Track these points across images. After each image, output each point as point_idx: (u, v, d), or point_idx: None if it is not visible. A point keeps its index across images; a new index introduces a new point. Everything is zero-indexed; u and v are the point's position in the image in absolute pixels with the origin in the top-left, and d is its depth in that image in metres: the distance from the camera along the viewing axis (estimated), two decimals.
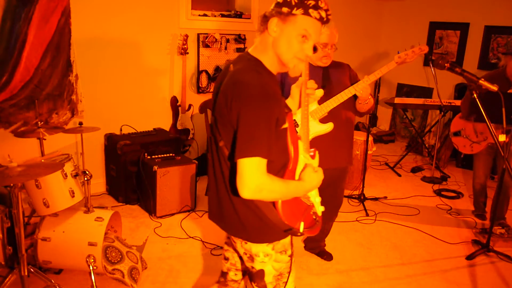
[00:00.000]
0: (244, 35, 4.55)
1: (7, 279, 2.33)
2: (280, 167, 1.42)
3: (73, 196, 2.44)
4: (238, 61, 1.44)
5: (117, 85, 3.89)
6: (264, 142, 1.26)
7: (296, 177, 1.45)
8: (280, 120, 1.35)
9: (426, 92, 5.85)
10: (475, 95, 2.10)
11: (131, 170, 3.64)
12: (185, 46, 4.07)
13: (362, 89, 2.34)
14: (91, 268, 2.38)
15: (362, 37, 6.01)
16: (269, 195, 1.30)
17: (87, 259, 2.38)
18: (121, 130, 3.93)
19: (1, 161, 2.97)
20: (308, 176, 1.42)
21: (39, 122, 2.85)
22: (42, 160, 2.52)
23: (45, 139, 2.85)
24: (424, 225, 3.57)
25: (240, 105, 1.28)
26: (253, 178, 1.24)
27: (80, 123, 2.98)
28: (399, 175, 4.83)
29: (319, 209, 1.54)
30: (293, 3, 1.33)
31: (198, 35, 4.27)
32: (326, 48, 2.43)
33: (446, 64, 2.05)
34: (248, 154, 1.24)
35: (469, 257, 3.04)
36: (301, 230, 1.42)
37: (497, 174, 3.60)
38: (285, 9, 1.34)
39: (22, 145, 3.30)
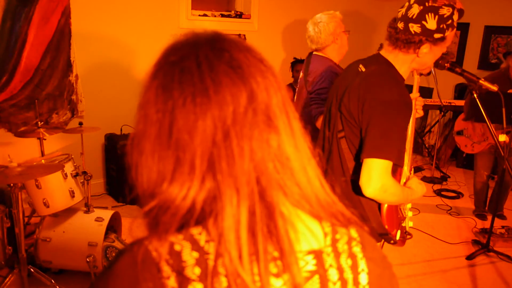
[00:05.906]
0: (244, 35, 4.55)
1: (7, 279, 2.33)
2: (392, 171, 1.47)
3: (73, 196, 2.43)
4: (369, 62, 1.46)
5: (117, 85, 3.89)
6: (396, 148, 1.31)
7: None
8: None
9: (426, 92, 5.84)
10: (475, 95, 2.10)
11: None
12: None
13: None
14: (91, 268, 2.38)
15: (362, 37, 6.00)
16: (390, 197, 1.33)
17: (87, 259, 2.38)
18: (121, 130, 3.93)
19: (1, 161, 2.97)
20: (416, 186, 1.48)
21: (39, 122, 2.85)
22: (42, 161, 2.52)
23: (45, 139, 2.84)
24: (424, 225, 3.57)
25: (375, 109, 1.31)
26: (381, 178, 1.27)
27: (80, 123, 2.98)
28: None
29: (408, 223, 1.57)
30: (445, 27, 1.34)
31: None
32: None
33: (446, 64, 2.04)
34: (381, 156, 1.27)
35: (469, 257, 3.04)
36: (397, 238, 1.45)
37: (498, 174, 3.60)
38: (437, 35, 1.35)
39: (22, 145, 3.30)
